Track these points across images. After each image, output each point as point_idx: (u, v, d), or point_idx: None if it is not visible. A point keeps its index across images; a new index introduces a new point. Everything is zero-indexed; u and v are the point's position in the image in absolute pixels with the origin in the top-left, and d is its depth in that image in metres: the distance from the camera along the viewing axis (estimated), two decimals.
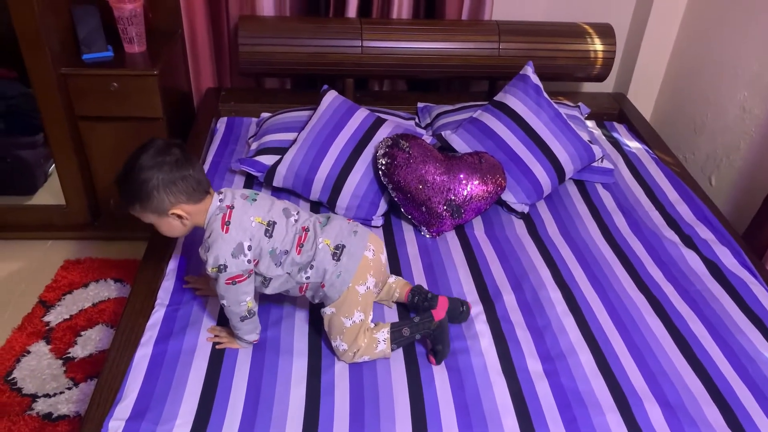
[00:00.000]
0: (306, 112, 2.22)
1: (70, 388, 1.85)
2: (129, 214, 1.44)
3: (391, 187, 1.94)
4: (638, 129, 2.57)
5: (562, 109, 2.35)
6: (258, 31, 2.38)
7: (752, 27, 2.26)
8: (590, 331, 1.61)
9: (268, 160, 2.07)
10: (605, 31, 2.53)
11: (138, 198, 1.37)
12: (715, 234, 1.98)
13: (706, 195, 2.22)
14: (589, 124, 2.55)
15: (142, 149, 1.38)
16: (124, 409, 1.33)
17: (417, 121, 2.44)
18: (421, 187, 1.90)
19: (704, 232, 1.98)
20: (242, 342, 1.49)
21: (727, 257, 1.88)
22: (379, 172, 1.95)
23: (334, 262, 1.45)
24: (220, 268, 1.38)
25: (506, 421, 1.36)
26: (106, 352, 1.50)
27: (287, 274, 1.47)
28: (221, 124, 2.46)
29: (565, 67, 2.54)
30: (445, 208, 1.91)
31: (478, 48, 2.46)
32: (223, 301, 1.43)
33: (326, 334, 1.50)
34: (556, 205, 2.13)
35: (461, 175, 1.93)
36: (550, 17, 2.64)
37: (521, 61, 2.36)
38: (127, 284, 2.23)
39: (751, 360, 1.55)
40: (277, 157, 2.06)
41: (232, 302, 1.42)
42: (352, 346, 1.45)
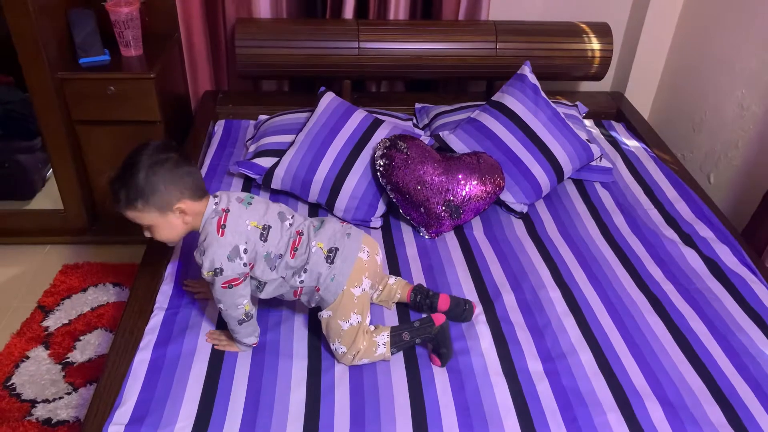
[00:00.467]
0: (304, 114, 2.22)
1: (69, 393, 1.84)
2: (125, 219, 1.42)
3: (389, 188, 1.94)
4: (636, 128, 2.57)
5: (560, 109, 2.35)
6: (255, 34, 2.38)
7: (750, 25, 2.26)
8: (590, 331, 1.61)
9: (266, 162, 2.07)
10: (602, 30, 2.53)
11: (142, 193, 1.34)
12: (715, 232, 1.97)
13: (705, 193, 2.22)
14: (587, 123, 2.55)
15: (141, 148, 1.37)
16: (123, 414, 1.32)
17: (415, 121, 2.43)
18: (420, 187, 1.90)
19: (703, 230, 1.98)
20: (242, 345, 1.49)
21: (726, 255, 1.88)
22: (378, 174, 1.95)
23: (328, 265, 1.45)
24: (216, 272, 1.37)
25: (507, 422, 1.36)
26: (105, 357, 1.50)
27: (281, 278, 1.46)
28: (219, 127, 2.45)
29: (562, 67, 2.54)
30: (444, 208, 1.90)
31: (475, 48, 2.46)
32: (220, 305, 1.43)
33: (325, 337, 1.50)
34: (555, 205, 2.12)
35: (460, 176, 1.92)
36: (547, 17, 2.64)
37: (519, 60, 2.35)
38: (126, 288, 2.22)
39: (752, 358, 1.55)
40: (275, 160, 2.06)
41: (229, 306, 1.42)
42: (351, 348, 1.44)
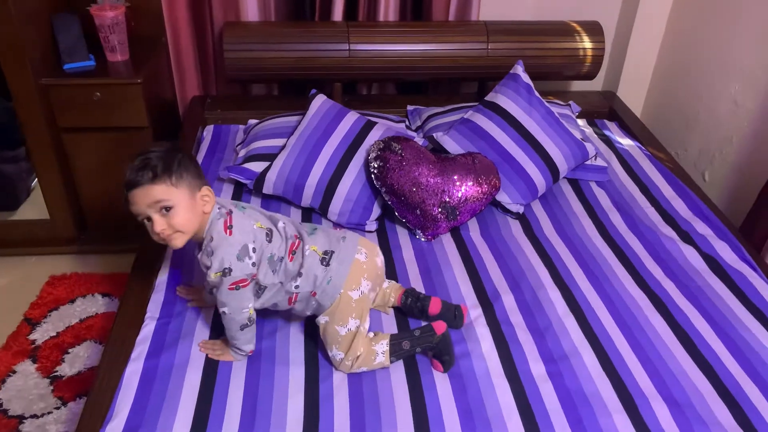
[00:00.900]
0: (294, 118, 2.19)
1: (58, 408, 1.80)
2: (114, 227, 1.39)
3: (384, 191, 1.91)
4: (630, 126, 2.56)
5: (554, 108, 2.33)
6: (243, 37, 2.34)
7: (742, 20, 2.26)
8: (592, 331, 1.58)
9: (257, 167, 2.03)
10: (594, 29, 2.52)
11: (178, 169, 1.31)
12: (713, 229, 1.96)
13: (701, 190, 2.20)
14: (580, 122, 2.54)
15: (152, 147, 1.35)
16: (115, 428, 1.28)
17: (407, 124, 2.41)
18: (415, 189, 1.87)
19: (702, 228, 1.96)
20: (237, 354, 1.44)
21: (725, 252, 1.86)
22: (372, 176, 1.91)
23: (324, 268, 1.42)
24: (225, 272, 1.34)
25: (511, 425, 1.33)
26: (95, 369, 1.46)
27: (280, 283, 1.43)
28: (207, 133, 2.41)
29: (554, 66, 2.53)
30: (440, 210, 1.87)
31: (466, 49, 2.44)
32: (224, 308, 1.38)
33: (323, 343, 1.46)
34: (551, 205, 2.10)
35: (455, 177, 1.90)
36: (537, 16, 2.63)
37: (510, 60, 2.34)
38: (116, 299, 2.18)
39: (756, 354, 1.53)
40: (266, 164, 2.02)
41: (235, 309, 1.38)
42: (349, 354, 1.40)
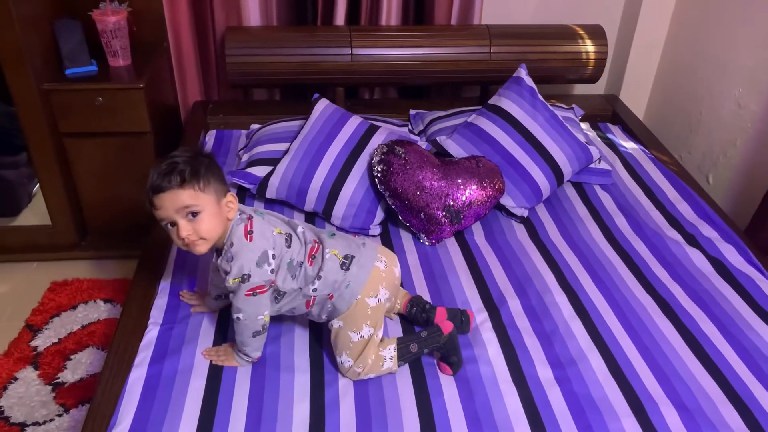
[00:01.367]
0: (297, 122, 2.18)
1: (60, 415, 1.78)
2: (116, 233, 1.38)
3: (387, 195, 1.90)
4: (633, 129, 2.55)
5: (557, 111, 2.33)
6: (245, 42, 2.34)
7: (744, 22, 2.25)
8: (599, 335, 1.57)
9: (260, 171, 2.02)
10: (596, 32, 2.52)
11: (206, 175, 1.30)
12: (719, 232, 1.95)
13: (706, 193, 2.19)
14: (583, 126, 2.53)
15: (177, 152, 1.34)
16: None
17: (410, 128, 2.40)
18: (419, 193, 1.86)
19: (707, 230, 1.95)
20: (242, 360, 1.43)
21: (732, 254, 1.85)
22: (375, 180, 1.90)
23: (343, 272, 1.40)
24: (243, 278, 1.32)
25: (519, 431, 1.31)
26: (98, 376, 1.44)
27: (299, 288, 1.41)
28: (210, 138, 2.41)
29: (557, 70, 2.53)
30: (444, 214, 1.86)
31: (469, 53, 2.44)
32: (238, 314, 1.36)
33: (332, 348, 1.44)
34: (556, 208, 2.09)
35: (459, 180, 1.89)
36: (539, 20, 2.63)
37: (513, 64, 2.33)
38: (118, 305, 2.16)
39: (764, 357, 1.52)
40: (269, 169, 2.01)
41: (250, 316, 1.36)
42: (358, 361, 1.38)
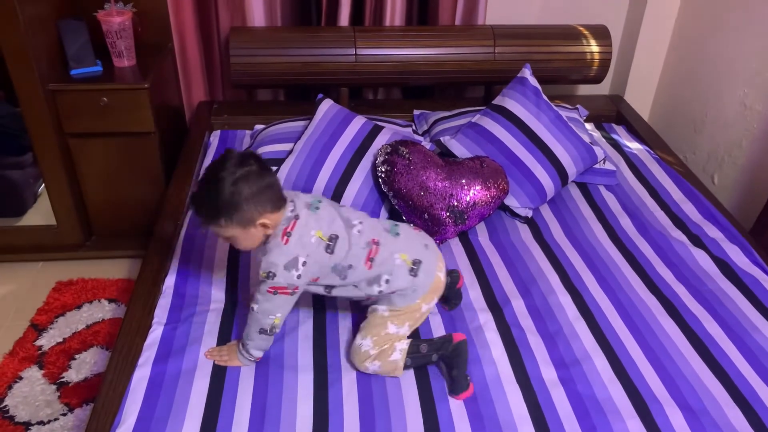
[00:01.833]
0: (301, 123, 2.18)
1: (65, 414, 1.78)
2: (121, 233, 1.38)
3: (391, 195, 1.90)
4: (638, 130, 2.54)
5: (562, 112, 2.32)
6: (250, 43, 2.34)
7: (749, 24, 2.24)
8: (603, 336, 1.56)
9: None
10: (601, 33, 2.51)
11: (226, 211, 1.31)
12: (724, 232, 1.94)
13: (711, 194, 2.19)
14: (588, 126, 2.52)
15: (221, 163, 1.33)
16: None
17: (414, 128, 2.40)
18: (423, 193, 1.85)
19: (712, 231, 1.95)
20: (244, 359, 1.43)
21: (737, 255, 1.84)
22: (379, 180, 1.90)
23: (411, 278, 1.44)
24: (269, 275, 1.35)
25: None
26: (102, 375, 1.44)
27: (354, 286, 1.44)
28: (214, 138, 2.41)
29: (561, 70, 2.52)
30: (448, 214, 1.86)
31: (473, 53, 2.43)
32: (255, 304, 1.39)
33: (356, 331, 1.47)
34: (560, 209, 2.09)
35: (463, 181, 1.88)
36: (543, 20, 2.62)
37: (517, 65, 2.33)
38: (122, 304, 2.16)
39: None
40: (273, 169, 2.01)
41: (263, 311, 1.38)
42: (374, 349, 1.41)
